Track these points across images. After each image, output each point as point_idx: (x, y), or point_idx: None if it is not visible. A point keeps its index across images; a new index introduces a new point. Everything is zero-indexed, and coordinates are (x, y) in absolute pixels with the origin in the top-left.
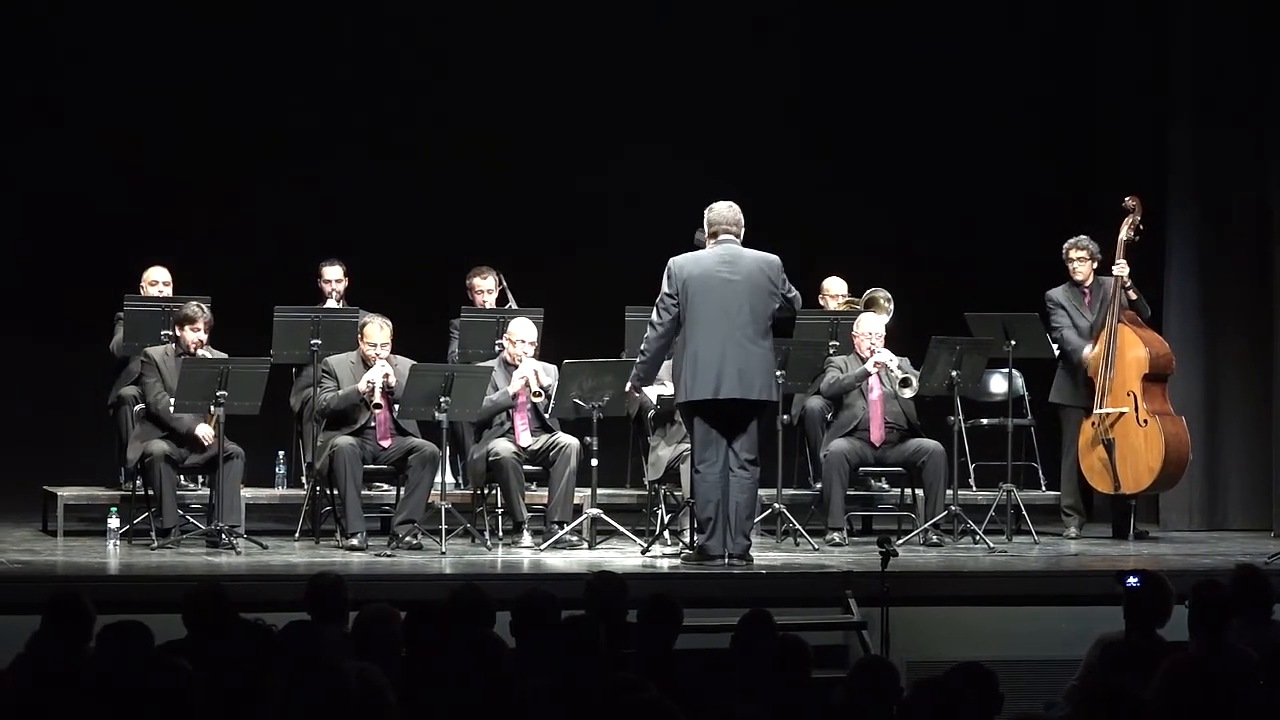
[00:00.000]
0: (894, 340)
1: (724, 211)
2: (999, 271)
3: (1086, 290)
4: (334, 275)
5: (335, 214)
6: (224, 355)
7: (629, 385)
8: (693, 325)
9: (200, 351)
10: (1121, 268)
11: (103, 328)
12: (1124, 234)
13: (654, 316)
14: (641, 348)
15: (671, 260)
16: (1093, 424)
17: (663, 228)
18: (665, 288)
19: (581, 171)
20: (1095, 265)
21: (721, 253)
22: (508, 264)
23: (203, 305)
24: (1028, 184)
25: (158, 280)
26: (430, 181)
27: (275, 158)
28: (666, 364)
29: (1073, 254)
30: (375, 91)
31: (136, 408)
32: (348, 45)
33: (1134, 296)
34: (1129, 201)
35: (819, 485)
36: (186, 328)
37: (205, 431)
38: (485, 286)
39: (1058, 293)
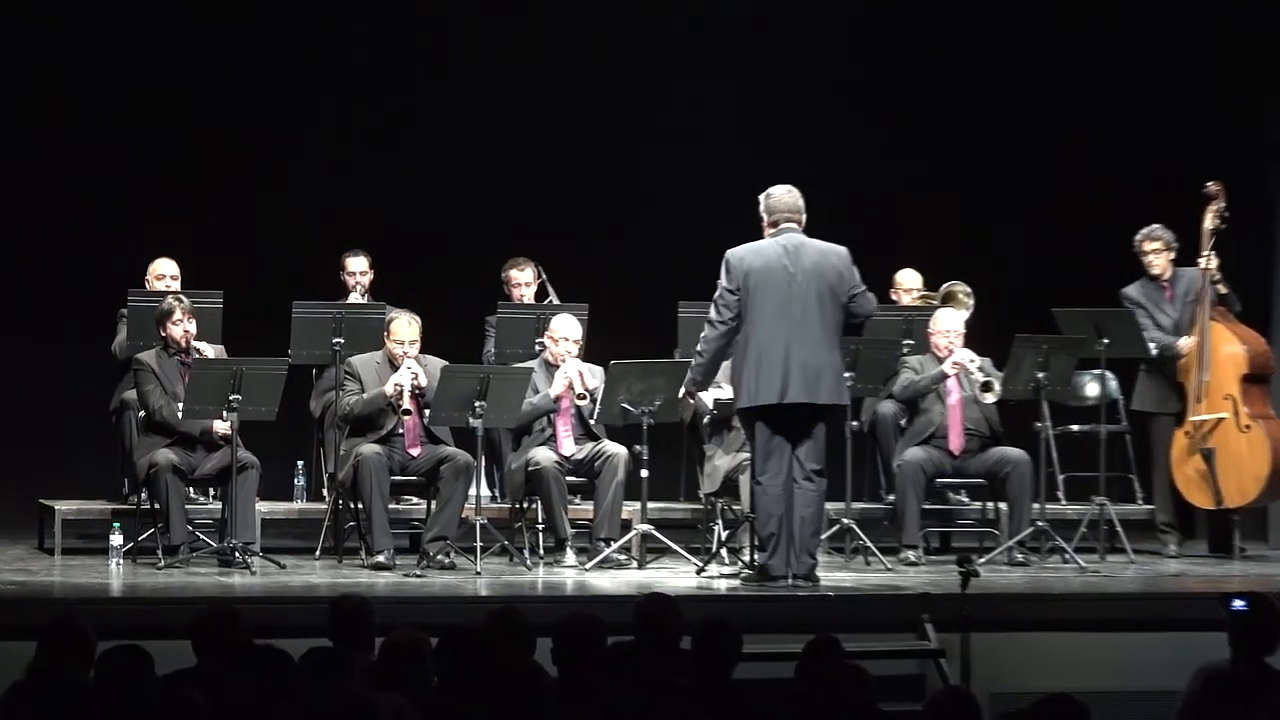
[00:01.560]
0: (974, 339)
1: (783, 197)
2: (1090, 263)
3: (1166, 285)
4: (358, 267)
5: (359, 201)
6: (220, 348)
7: (683, 390)
8: (754, 323)
9: (197, 345)
10: (1209, 259)
11: (104, 327)
12: (1208, 223)
13: (712, 313)
14: (698, 348)
15: (730, 252)
16: (1187, 433)
17: (719, 216)
18: (724, 282)
19: (628, 154)
20: (1173, 257)
21: (784, 243)
22: (548, 255)
23: (179, 295)
24: (1120, 168)
25: (164, 274)
26: (462, 165)
27: (293, 141)
28: (724, 365)
29: (1146, 246)
30: (401, 71)
31: (140, 414)
32: (369, 26)
33: (1224, 290)
34: (1211, 187)
35: (892, 498)
36: (169, 324)
37: (221, 426)
38: (523, 279)
39: (1133, 290)
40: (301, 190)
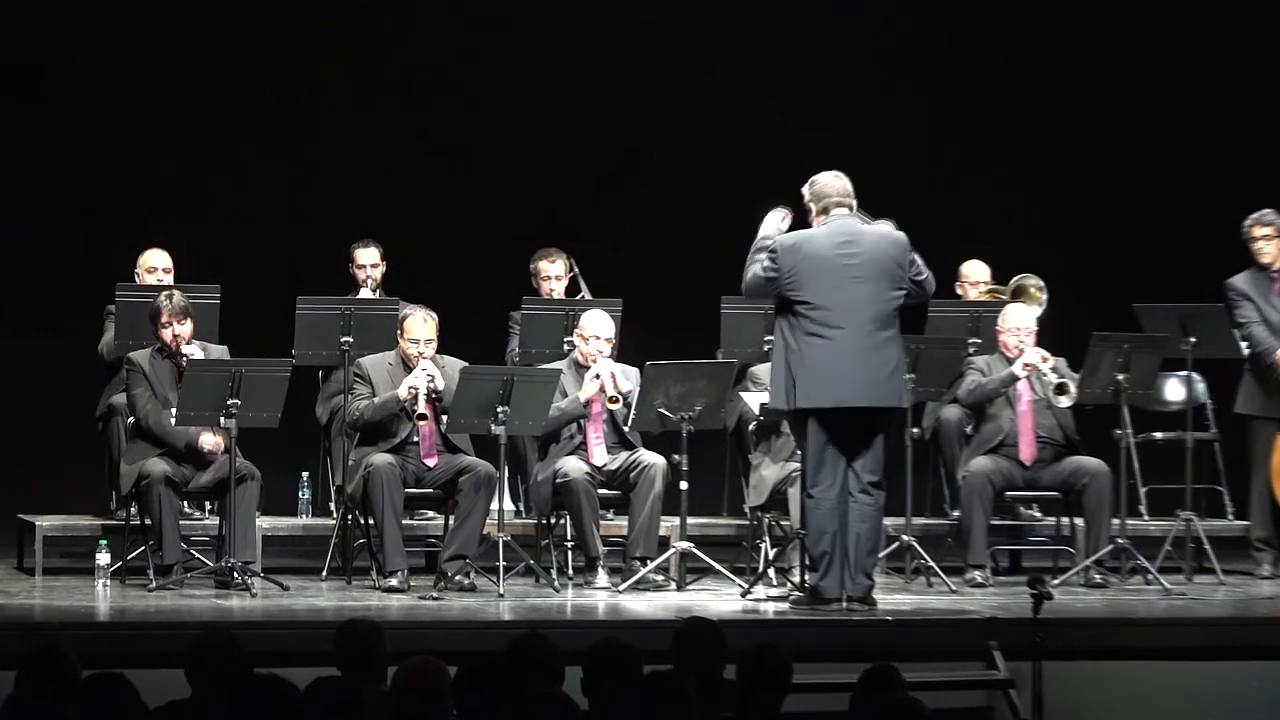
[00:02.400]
0: (1047, 337)
1: (831, 182)
2: (1178, 252)
3: (1276, 275)
4: (369, 259)
5: (371, 187)
6: (223, 349)
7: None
8: (804, 319)
9: (188, 348)
10: None
11: (89, 325)
12: None
13: (757, 269)
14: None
15: (778, 240)
16: None
17: (766, 205)
18: (773, 266)
19: (666, 139)
20: None
21: (836, 230)
22: (579, 246)
23: (169, 295)
24: (1215, 145)
25: (156, 267)
26: (486, 147)
27: (299, 122)
28: (765, 367)
29: (1256, 232)
30: (418, 50)
31: (129, 420)
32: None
33: None
34: None
35: (957, 513)
36: (159, 326)
37: (211, 440)
38: (553, 272)
39: (1240, 281)
40: (308, 175)
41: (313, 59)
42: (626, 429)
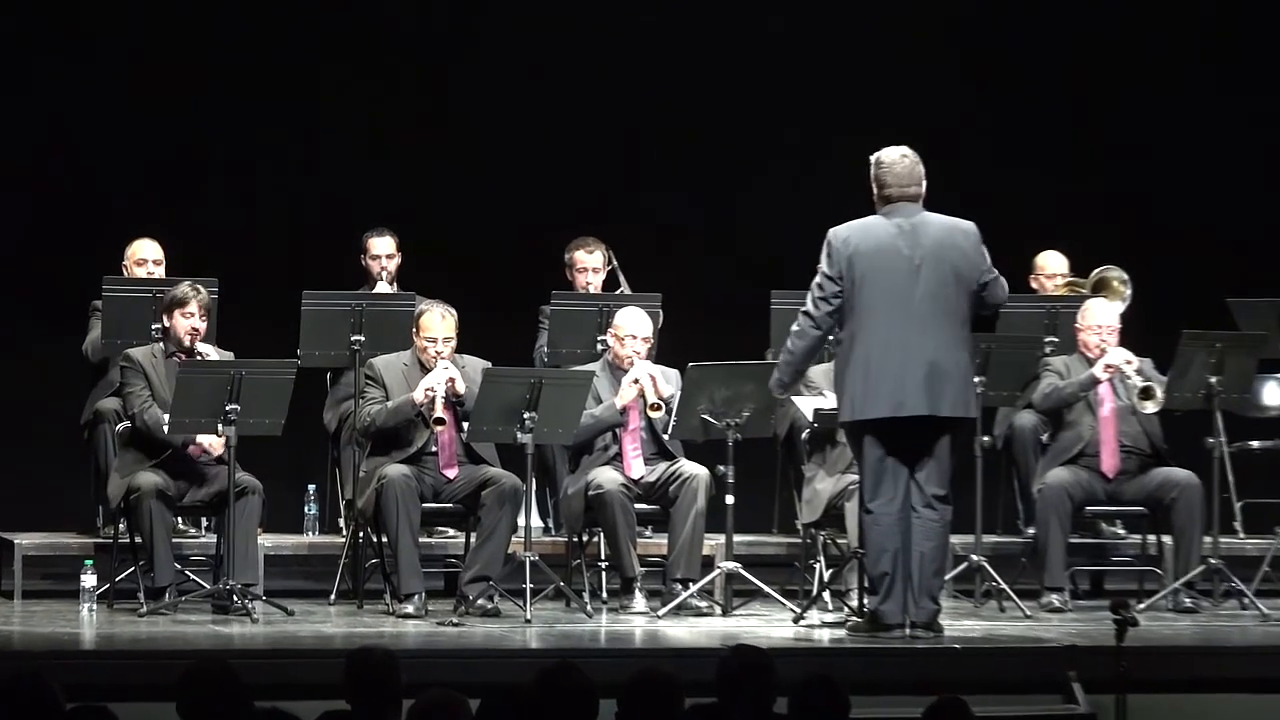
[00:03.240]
0: (1131, 335)
1: (899, 163)
2: (1274, 243)
3: None
4: (383, 249)
5: (382, 170)
6: (230, 355)
7: (771, 386)
8: (863, 318)
9: (200, 348)
10: None
11: (74, 325)
12: None
13: (808, 302)
14: (787, 344)
15: (832, 232)
16: None
17: (821, 189)
18: (824, 267)
19: (709, 117)
20: None
21: (899, 221)
22: (614, 235)
23: (198, 285)
24: None
25: (146, 258)
26: (511, 126)
27: (302, 98)
28: (826, 369)
29: None
30: (435, 21)
31: (119, 427)
32: None
33: None
34: None
35: (1032, 530)
36: (177, 314)
37: (213, 440)
38: (590, 264)
39: None
40: (314, 156)
41: (317, 28)
42: (666, 438)
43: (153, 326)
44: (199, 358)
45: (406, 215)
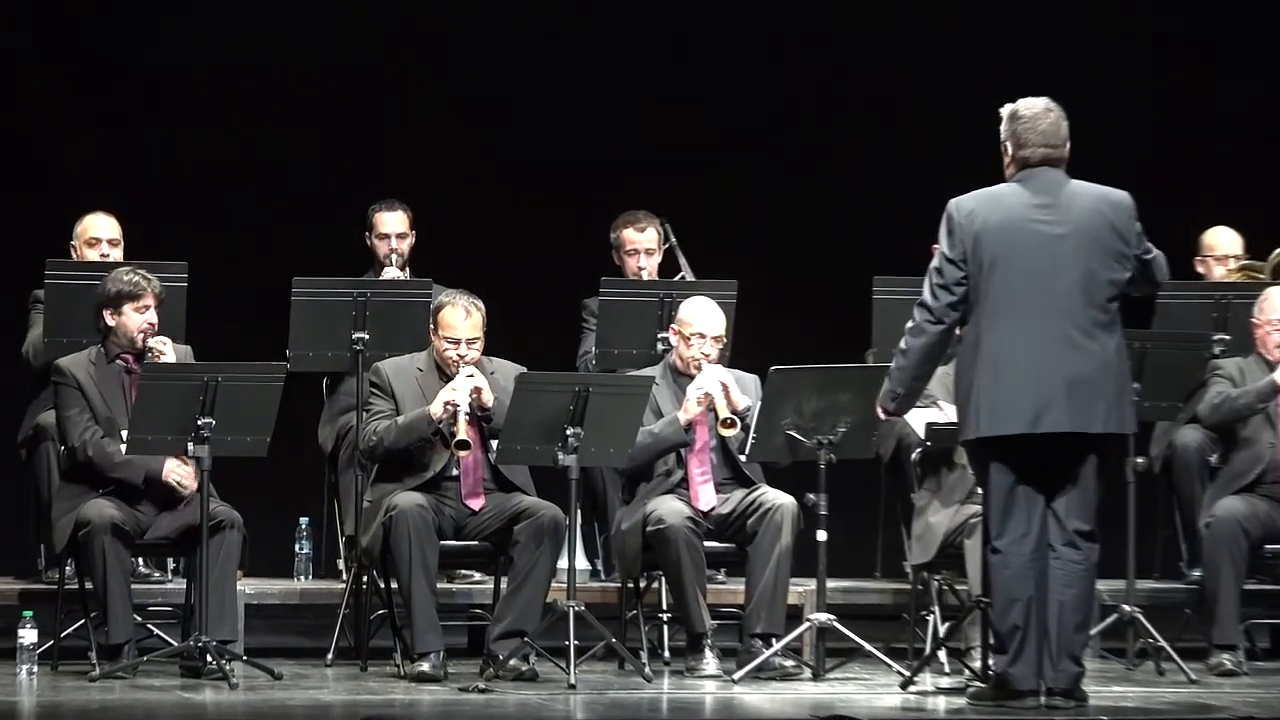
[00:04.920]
0: None
1: (1038, 118)
2: None
3: None
4: (393, 226)
5: (392, 128)
6: (185, 350)
7: (879, 408)
8: (993, 310)
9: (156, 345)
10: None
11: (11, 321)
12: None
13: (925, 293)
14: (900, 346)
15: (953, 203)
16: None
17: (938, 150)
18: (944, 247)
19: (792, 62)
20: None
21: (1038, 190)
22: (674, 209)
23: (145, 273)
24: None
25: (100, 237)
26: (537, 77)
27: (289, 45)
28: (944, 374)
29: None
30: None
31: (63, 449)
32: None
33: None
34: None
35: (1198, 574)
36: (128, 309)
37: (180, 471)
38: (642, 243)
39: None
40: (305, 112)
41: None
42: (743, 459)
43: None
44: (154, 357)
45: (421, 185)
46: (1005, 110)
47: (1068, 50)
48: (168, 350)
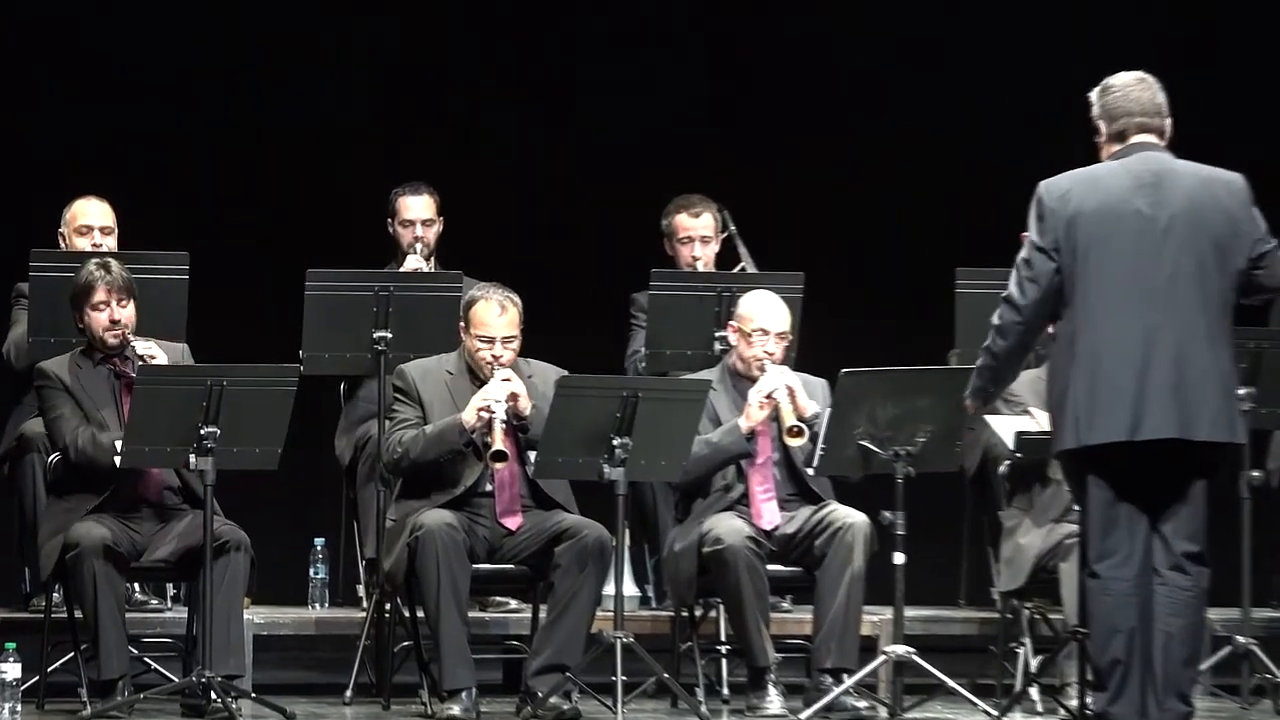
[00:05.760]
0: None
1: (1134, 92)
2: None
3: None
4: (419, 212)
5: (417, 105)
6: (183, 348)
7: (967, 398)
8: (1089, 304)
9: (142, 346)
10: None
11: None
12: None
13: (1011, 288)
14: (986, 344)
15: (1044, 185)
16: None
17: (1022, 126)
18: (1034, 235)
19: (864, 20)
20: None
21: (1138, 170)
22: (734, 188)
23: (107, 263)
24: None
25: (91, 225)
26: (574, 44)
27: (304, 16)
28: (1034, 377)
29: None
30: None
31: (51, 458)
32: None
33: None
34: None
35: None
36: (85, 307)
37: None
38: (698, 230)
39: None
40: (322, 84)
41: None
42: (811, 473)
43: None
44: (143, 360)
45: (448, 168)
46: (1096, 90)
47: (1174, 20)
48: (158, 354)
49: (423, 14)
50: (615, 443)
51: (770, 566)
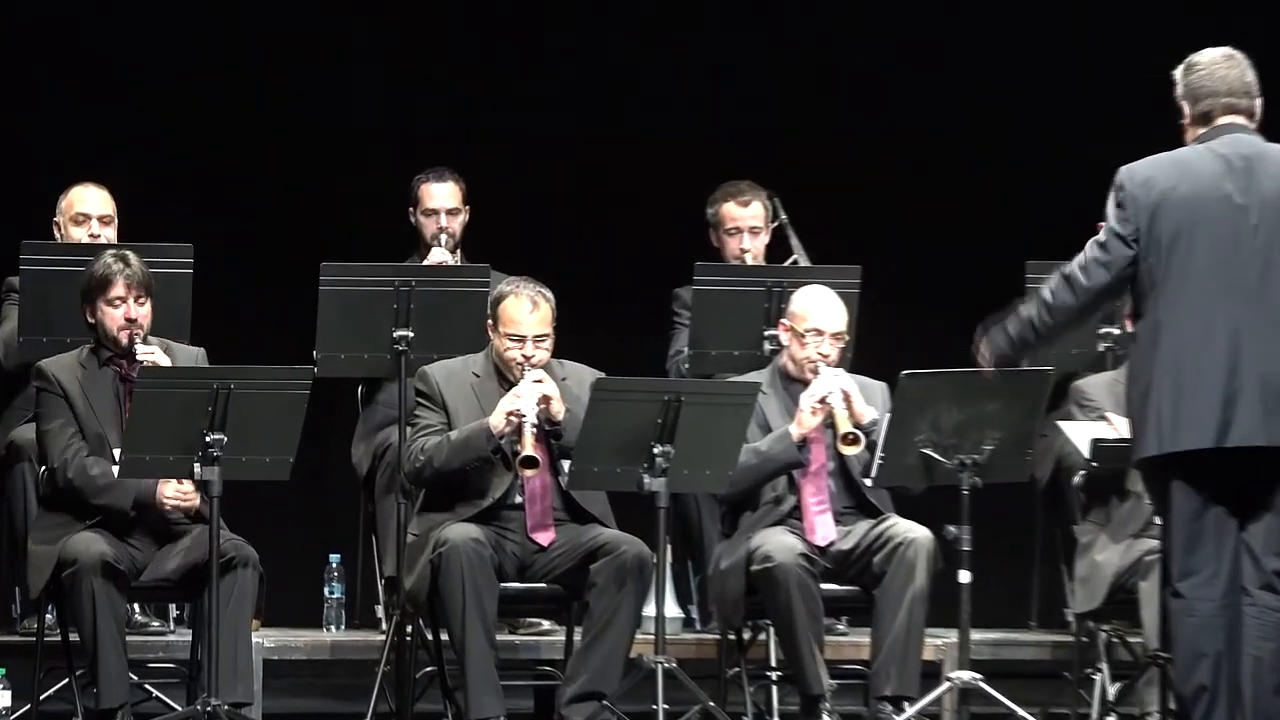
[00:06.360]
0: None
1: (1221, 65)
2: None
3: None
4: (443, 200)
5: (431, 90)
6: (199, 352)
7: (980, 344)
8: (1173, 300)
9: (144, 348)
10: None
11: None
12: None
13: (1075, 267)
14: (1029, 313)
15: (1125, 171)
16: None
17: (1098, 108)
18: (1113, 221)
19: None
20: None
21: (1226, 153)
22: (785, 175)
23: (125, 256)
24: None
25: (89, 213)
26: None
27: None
28: (1112, 380)
29: None
30: None
31: (43, 469)
32: None
33: None
34: None
35: None
36: (99, 301)
37: (176, 490)
38: (746, 220)
39: None
40: (338, 63)
41: None
42: (869, 484)
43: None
44: (144, 363)
45: (474, 151)
46: (1180, 68)
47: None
48: (161, 359)
49: None
50: (656, 451)
51: (824, 585)
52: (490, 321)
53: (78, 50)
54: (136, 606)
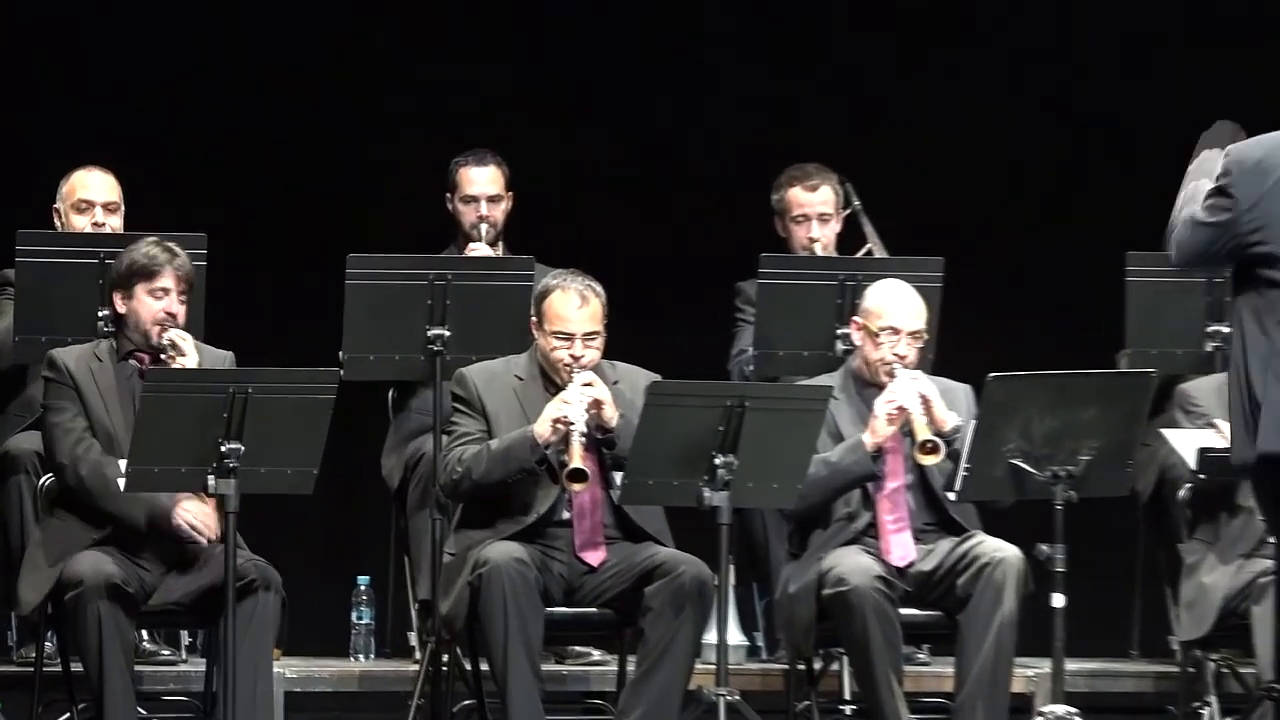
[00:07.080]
0: None
1: None
2: None
3: None
4: (483, 185)
5: (476, 71)
6: (228, 355)
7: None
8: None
9: (174, 338)
10: None
11: None
12: None
13: (1175, 244)
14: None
15: (1235, 150)
16: None
17: (1201, 87)
18: (1221, 197)
19: None
20: None
21: None
22: (858, 159)
23: (171, 244)
24: None
25: (93, 200)
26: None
27: None
28: (1219, 384)
29: None
30: None
31: (43, 482)
32: None
33: None
34: None
35: None
36: (140, 292)
37: (196, 513)
38: (815, 207)
39: None
40: (368, 41)
41: None
42: (952, 498)
43: (101, 312)
44: (168, 360)
45: (518, 133)
46: None
47: None
48: (188, 349)
49: None
50: (717, 462)
51: (903, 610)
52: (535, 319)
53: (81, 31)
54: (145, 633)
